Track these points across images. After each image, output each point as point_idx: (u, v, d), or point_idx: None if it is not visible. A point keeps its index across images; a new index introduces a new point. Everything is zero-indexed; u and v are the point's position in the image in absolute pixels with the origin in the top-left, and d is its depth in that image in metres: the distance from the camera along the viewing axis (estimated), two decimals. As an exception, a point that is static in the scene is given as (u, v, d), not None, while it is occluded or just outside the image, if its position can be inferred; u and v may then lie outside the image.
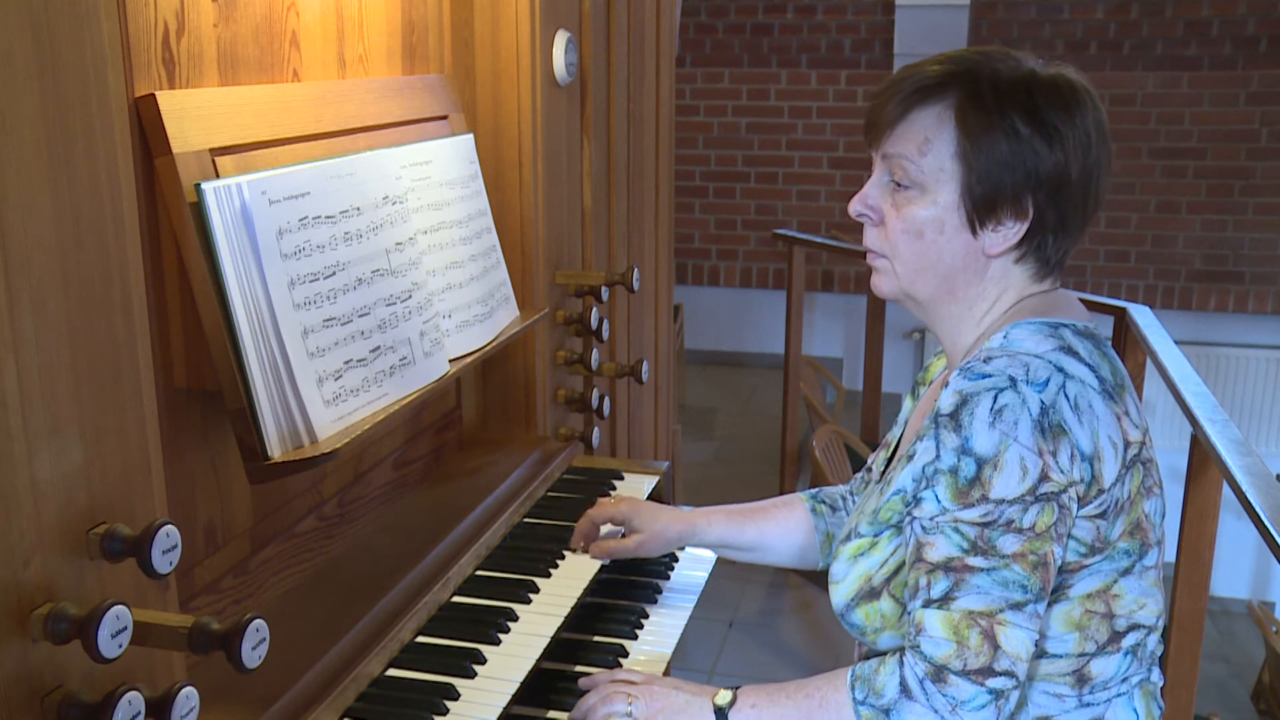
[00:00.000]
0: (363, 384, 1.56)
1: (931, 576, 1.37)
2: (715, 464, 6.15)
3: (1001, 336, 1.43)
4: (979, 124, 1.40)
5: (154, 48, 1.35)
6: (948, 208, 1.43)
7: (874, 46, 6.93)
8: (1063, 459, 1.34)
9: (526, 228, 2.20)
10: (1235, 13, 6.42)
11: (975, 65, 1.43)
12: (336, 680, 1.45)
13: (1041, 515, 1.34)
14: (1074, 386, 1.37)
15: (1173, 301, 6.77)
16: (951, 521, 1.36)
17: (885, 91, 1.47)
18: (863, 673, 1.43)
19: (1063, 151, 1.40)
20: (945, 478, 1.36)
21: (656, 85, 2.92)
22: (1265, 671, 4.74)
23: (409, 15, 1.95)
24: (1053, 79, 1.43)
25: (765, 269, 7.35)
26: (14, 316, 0.98)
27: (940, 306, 1.51)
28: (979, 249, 1.45)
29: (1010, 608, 1.34)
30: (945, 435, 1.37)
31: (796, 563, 1.88)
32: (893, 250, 1.48)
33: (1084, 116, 1.42)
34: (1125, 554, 1.42)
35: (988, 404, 1.34)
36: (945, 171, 1.42)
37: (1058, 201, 1.42)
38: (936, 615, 1.36)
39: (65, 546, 1.04)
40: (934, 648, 1.36)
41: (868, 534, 1.50)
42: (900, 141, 1.44)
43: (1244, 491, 2.36)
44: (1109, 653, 1.43)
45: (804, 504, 1.86)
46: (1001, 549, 1.34)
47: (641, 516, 1.86)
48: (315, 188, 1.53)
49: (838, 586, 1.53)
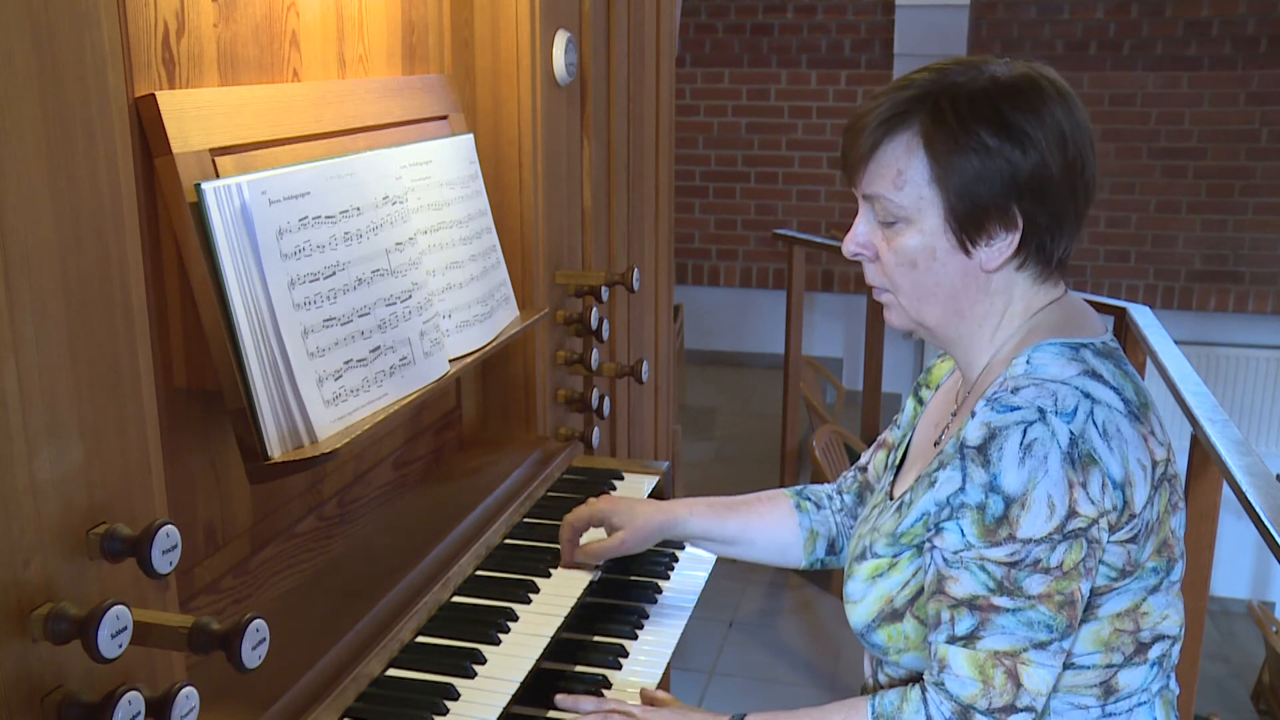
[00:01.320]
0: (363, 384, 1.56)
1: (955, 612, 1.37)
2: (715, 464, 6.15)
3: (1024, 362, 1.41)
4: (946, 146, 1.38)
5: (154, 48, 1.35)
6: (935, 233, 1.41)
7: (874, 46, 6.93)
8: (1093, 489, 1.32)
9: (526, 228, 2.20)
10: (1235, 13, 6.42)
11: (934, 85, 1.41)
12: (336, 680, 1.45)
13: (1069, 553, 1.32)
14: (1101, 412, 1.35)
15: (1173, 301, 6.78)
16: (978, 559, 1.35)
17: (852, 129, 1.45)
18: (884, 710, 1.43)
19: (1037, 152, 1.38)
20: (972, 513, 1.35)
21: (656, 85, 2.92)
22: (1265, 671, 4.74)
23: (409, 15, 1.95)
24: (1013, 81, 1.40)
25: (765, 269, 7.35)
26: (14, 316, 0.98)
27: (950, 329, 1.49)
28: (976, 266, 1.43)
29: (1035, 647, 1.34)
30: (972, 470, 1.35)
31: (777, 559, 1.85)
32: (893, 284, 1.47)
33: (1051, 112, 1.39)
34: (1154, 572, 1.41)
35: (1017, 439, 1.33)
36: (925, 199, 1.40)
37: (1045, 203, 1.40)
38: (962, 654, 1.36)
39: (65, 546, 1.04)
40: (960, 687, 1.36)
41: (886, 554, 1.48)
42: (875, 180, 1.43)
43: (1244, 491, 2.36)
44: (1136, 664, 1.43)
45: (788, 500, 1.84)
46: (1027, 590, 1.33)
47: (620, 514, 1.82)
48: (315, 188, 1.53)
49: (856, 606, 1.51)
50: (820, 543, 1.81)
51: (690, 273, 7.42)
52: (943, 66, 1.44)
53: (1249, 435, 6.76)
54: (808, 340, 6.67)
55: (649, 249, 2.98)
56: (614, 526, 1.82)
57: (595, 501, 1.86)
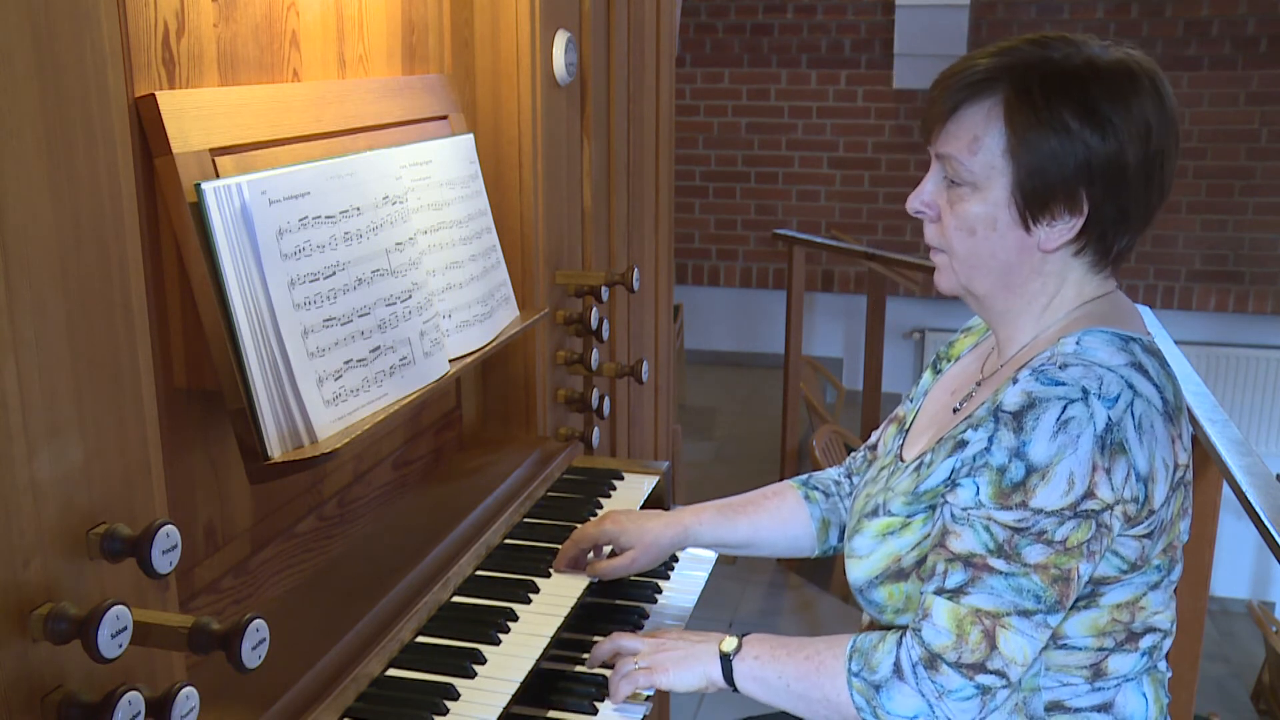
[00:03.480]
0: (363, 384, 1.57)
1: (950, 566, 1.38)
2: (715, 464, 6.15)
3: (1074, 342, 1.40)
4: (1026, 120, 1.38)
5: (154, 48, 1.35)
6: (999, 204, 1.42)
7: (874, 46, 6.93)
8: (1116, 477, 1.33)
9: (526, 228, 2.20)
10: (1235, 13, 6.42)
11: (1027, 57, 1.41)
12: (336, 680, 1.45)
13: (1076, 531, 1.33)
14: (1140, 405, 1.36)
15: (1173, 301, 6.78)
16: (984, 518, 1.36)
17: (936, 87, 1.46)
18: (862, 645, 1.45)
19: (1116, 142, 1.37)
20: (990, 473, 1.36)
21: (656, 85, 2.92)
22: (1265, 671, 4.74)
23: (409, 15, 1.95)
24: (1109, 67, 1.39)
25: (765, 269, 7.35)
26: (14, 316, 0.98)
27: (998, 301, 1.50)
28: (1034, 244, 1.43)
29: (1018, 613, 1.35)
30: (1003, 433, 1.36)
31: (790, 552, 1.86)
32: (949, 246, 1.47)
33: (1141, 103, 1.38)
34: (1157, 569, 1.43)
35: (1055, 413, 1.33)
36: (996, 169, 1.41)
37: (1116, 194, 1.40)
38: (945, 605, 1.38)
39: (65, 546, 1.04)
40: (934, 635, 1.38)
41: (900, 513, 1.49)
42: (951, 141, 1.43)
43: (1244, 491, 2.36)
44: (1126, 650, 1.45)
45: (796, 491, 1.84)
46: (1026, 557, 1.34)
47: (628, 533, 1.80)
48: (315, 188, 1.53)
49: (860, 561, 1.52)
50: (832, 531, 1.83)
51: (690, 273, 7.41)
52: (1045, 39, 1.44)
53: (1249, 435, 6.76)
54: (808, 340, 6.67)
55: (649, 249, 2.98)
56: (623, 547, 1.81)
57: (603, 519, 1.84)
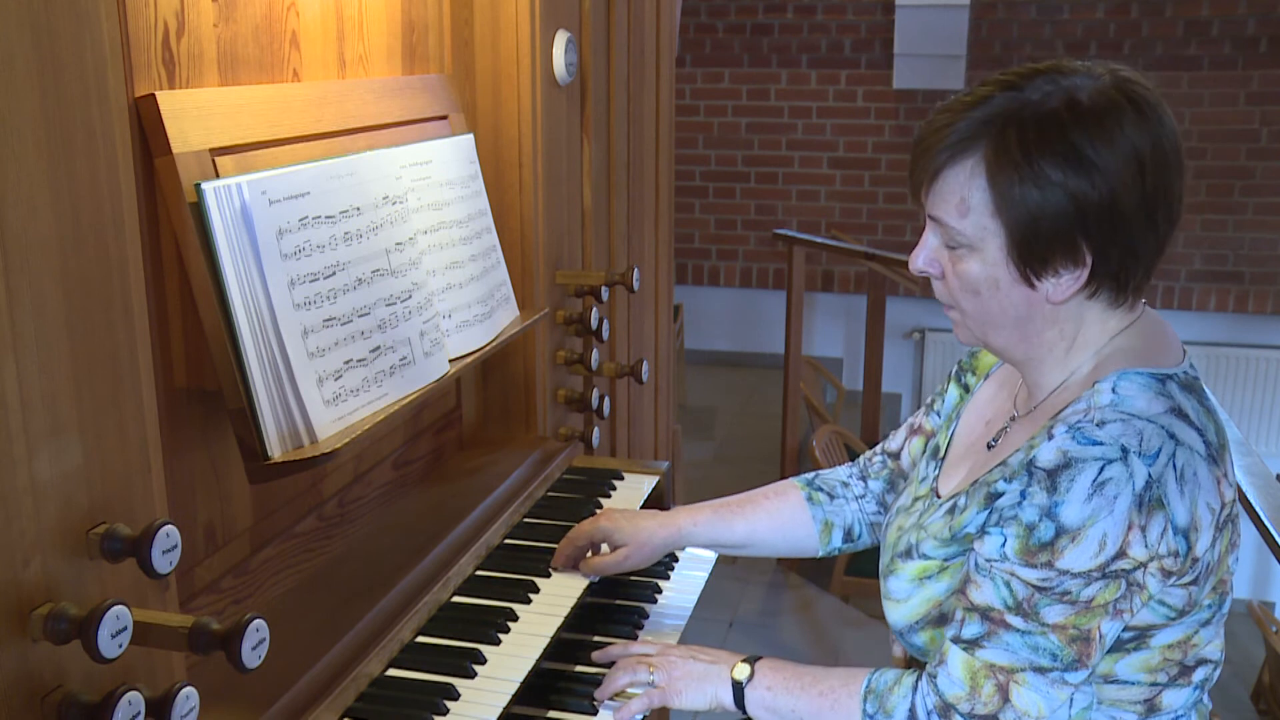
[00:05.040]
0: (363, 384, 1.57)
1: (969, 615, 1.37)
2: (715, 464, 6.15)
3: (1110, 390, 1.35)
4: (1008, 178, 1.32)
5: (154, 48, 1.35)
6: (997, 264, 1.36)
7: (874, 46, 6.93)
8: (1152, 534, 1.29)
9: (526, 228, 2.20)
10: (1235, 13, 6.42)
11: (1004, 106, 1.33)
12: (336, 680, 1.45)
13: (1104, 591, 1.30)
14: (1183, 455, 1.31)
15: (1173, 302, 6.77)
16: (1007, 573, 1.33)
17: (917, 147, 1.40)
18: (877, 686, 1.43)
19: (1107, 185, 1.31)
20: (1019, 528, 1.32)
21: (656, 85, 2.92)
22: (1265, 671, 4.73)
23: (409, 15, 1.95)
24: (1090, 103, 1.32)
25: (765, 269, 7.35)
26: (14, 316, 0.98)
27: (1017, 352, 1.45)
28: (1041, 298, 1.37)
29: (1033, 670, 1.33)
30: (1035, 490, 1.31)
31: (791, 552, 1.85)
32: (957, 304, 1.43)
33: (1129, 137, 1.31)
34: (1208, 608, 1.40)
35: (1091, 475, 1.29)
36: (987, 230, 1.35)
37: (1117, 237, 1.34)
38: (960, 656, 1.36)
39: (65, 546, 1.04)
40: (949, 685, 1.37)
41: (936, 557, 1.46)
42: (940, 204, 1.38)
43: (1244, 491, 2.36)
44: (1180, 685, 1.42)
45: (799, 491, 1.82)
46: (1044, 617, 1.32)
47: (622, 530, 1.79)
48: (315, 188, 1.53)
49: (899, 605, 1.50)
50: (836, 533, 1.80)
51: (690, 273, 7.41)
52: (1026, 76, 1.36)
53: (1249, 435, 6.76)
54: (808, 340, 6.67)
55: (649, 249, 2.98)
56: (617, 544, 1.81)
57: (597, 518, 1.84)
